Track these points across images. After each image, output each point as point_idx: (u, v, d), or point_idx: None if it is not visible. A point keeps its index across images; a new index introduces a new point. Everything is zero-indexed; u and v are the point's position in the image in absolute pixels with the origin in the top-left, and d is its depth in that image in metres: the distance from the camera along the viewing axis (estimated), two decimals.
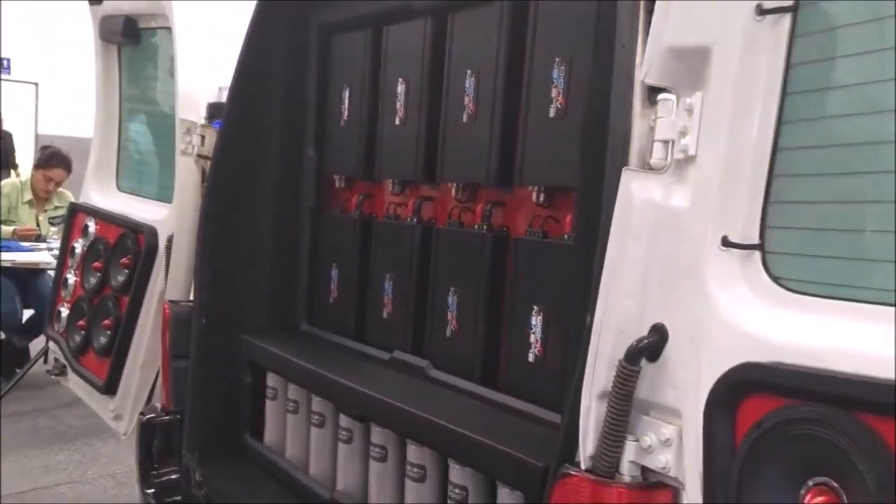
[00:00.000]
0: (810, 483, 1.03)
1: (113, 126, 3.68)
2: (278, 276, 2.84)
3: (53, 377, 3.67)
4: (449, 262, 2.23)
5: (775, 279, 1.18)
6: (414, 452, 2.02)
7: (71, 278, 3.56)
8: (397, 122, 2.39)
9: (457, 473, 1.89)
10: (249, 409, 2.74)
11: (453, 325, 2.19)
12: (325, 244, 2.75)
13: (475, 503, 1.86)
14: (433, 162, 2.26)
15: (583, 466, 1.34)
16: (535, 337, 1.94)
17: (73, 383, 3.53)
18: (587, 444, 1.34)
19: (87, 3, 3.60)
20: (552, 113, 1.89)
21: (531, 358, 1.94)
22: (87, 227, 3.53)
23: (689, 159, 1.26)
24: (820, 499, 1.01)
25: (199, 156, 2.90)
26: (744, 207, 1.21)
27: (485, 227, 2.13)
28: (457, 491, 1.88)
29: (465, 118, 2.14)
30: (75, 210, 3.69)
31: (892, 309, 1.02)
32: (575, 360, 1.41)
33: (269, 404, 2.67)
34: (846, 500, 0.99)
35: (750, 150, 1.20)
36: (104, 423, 5.40)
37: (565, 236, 1.92)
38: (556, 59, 1.87)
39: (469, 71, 2.12)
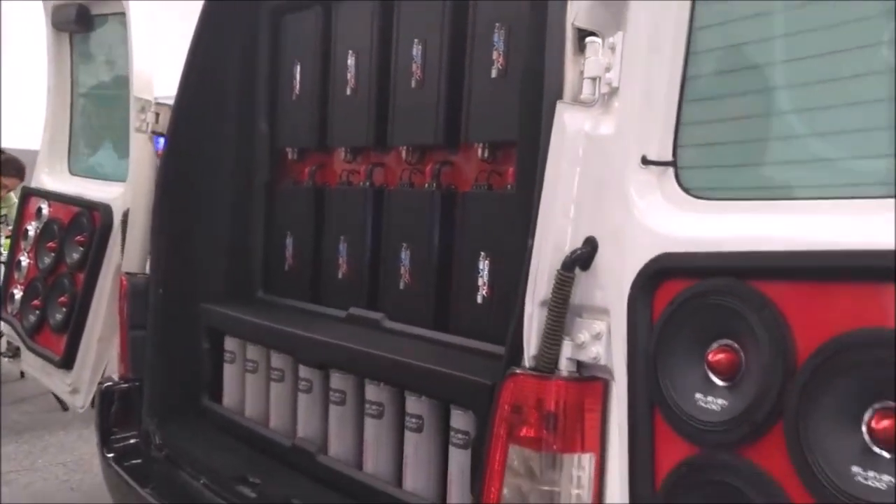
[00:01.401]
0: (714, 345, 1.22)
1: (65, 112, 3.75)
2: (234, 247, 2.95)
3: (7, 360, 3.70)
4: (401, 221, 2.39)
5: (685, 189, 1.38)
6: (372, 391, 2.17)
7: (24, 261, 3.60)
8: (348, 92, 2.55)
9: (413, 404, 2.04)
10: (208, 374, 2.84)
11: (406, 278, 2.35)
12: (279, 214, 2.88)
13: (430, 429, 2.02)
14: (384, 128, 2.43)
15: (526, 366, 1.52)
16: (482, 280, 2.11)
17: (27, 364, 3.57)
18: (530, 346, 1.52)
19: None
20: (494, 73, 2.08)
21: (479, 300, 2.12)
22: (40, 209, 3.58)
23: (613, 91, 1.45)
24: (721, 355, 1.20)
25: (153, 132, 3.00)
26: (659, 130, 1.41)
27: (434, 184, 2.31)
28: (413, 420, 2.04)
29: (413, 84, 2.32)
30: (28, 194, 3.74)
31: (777, 202, 1.23)
32: (517, 290, 1.58)
33: (227, 368, 2.78)
34: (743, 356, 1.19)
35: (664, 79, 1.39)
36: (51, 417, 5.42)
37: (508, 187, 2.11)
38: (497, 24, 2.06)
39: (416, 40, 2.30)
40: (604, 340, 1.45)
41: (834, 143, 1.20)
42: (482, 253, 2.11)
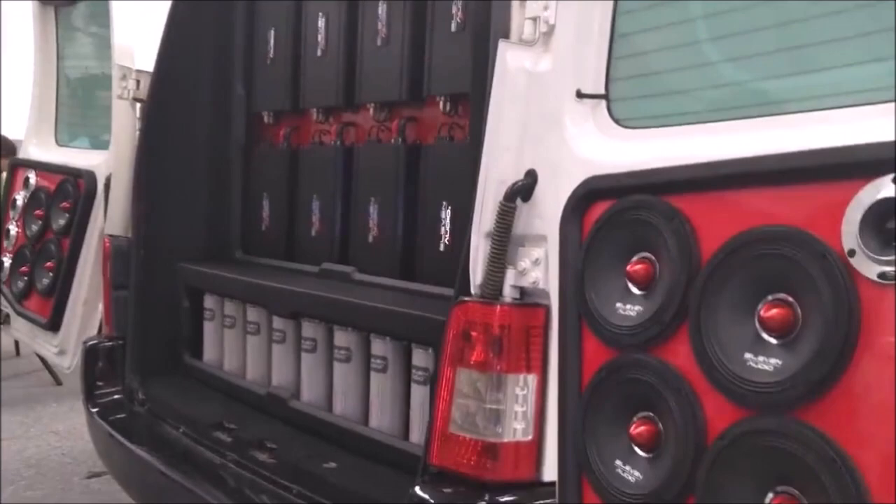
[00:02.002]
0: (634, 258, 1.31)
1: (51, 84, 3.84)
2: (213, 210, 3.03)
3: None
4: (369, 176, 2.48)
5: (616, 120, 1.47)
6: (341, 337, 2.26)
7: (13, 229, 3.69)
8: (319, 53, 2.64)
9: (378, 346, 2.14)
10: (189, 332, 2.93)
11: (375, 231, 2.44)
12: (256, 177, 2.97)
13: (394, 368, 2.11)
14: (353, 86, 2.51)
15: (473, 293, 1.61)
16: (444, 229, 2.20)
17: (17, 329, 3.66)
18: (476, 275, 1.61)
19: None
20: (453, 28, 2.16)
21: (442, 248, 2.21)
22: (27, 179, 3.67)
23: (550, 29, 1.53)
24: (639, 266, 1.29)
25: (134, 99, 3.08)
26: (593, 65, 1.49)
27: (400, 139, 2.39)
28: (378, 362, 2.13)
29: (379, 43, 2.40)
30: (16, 165, 3.83)
31: (695, 126, 1.32)
32: None
33: (206, 325, 2.87)
34: (657, 265, 1.28)
35: (596, 17, 1.48)
36: (44, 391, 5.52)
37: (467, 138, 2.19)
38: None
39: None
40: (542, 265, 1.53)
41: (743, 68, 1.28)
42: (444, 202, 2.20)
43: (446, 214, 2.20)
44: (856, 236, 1.01)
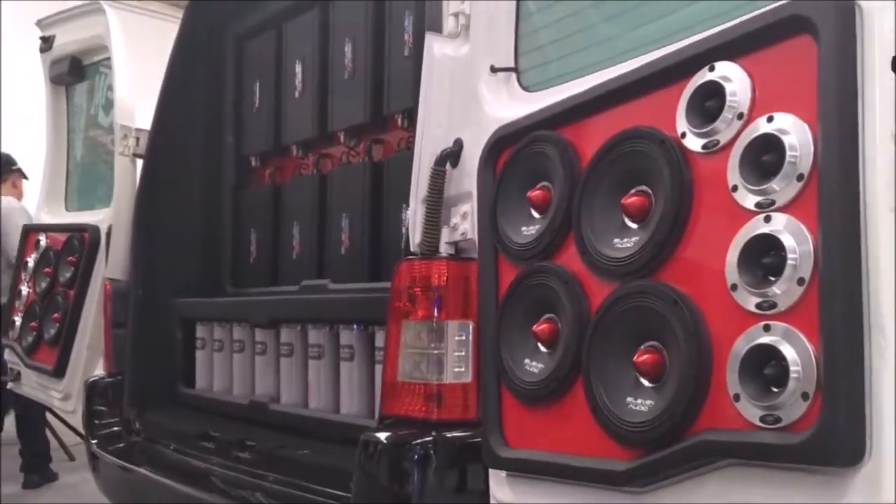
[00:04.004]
0: (537, 186, 1.50)
1: (61, 157, 4.16)
2: (206, 250, 3.26)
3: (10, 384, 3.97)
4: (340, 195, 2.72)
5: (525, 88, 1.70)
6: (313, 335, 2.44)
7: (24, 289, 3.92)
8: (297, 95, 2.92)
9: (345, 337, 2.31)
10: (182, 363, 3.11)
11: (346, 243, 2.66)
12: (245, 215, 3.21)
13: (360, 355, 2.28)
14: (325, 117, 2.78)
15: (413, 252, 1.80)
16: (405, 228, 2.41)
17: (27, 385, 3.84)
18: (416, 236, 1.80)
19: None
20: (406, 53, 2.43)
21: (403, 245, 2.40)
22: (38, 241, 3.93)
23: (468, 20, 1.79)
24: (538, 192, 1.48)
25: (134, 155, 3.36)
26: (504, 44, 1.73)
27: (367, 158, 2.64)
28: (346, 351, 2.30)
29: (346, 76, 2.68)
30: (28, 230, 4.10)
31: (580, 79, 1.54)
32: None
33: (198, 354, 3.05)
34: (553, 192, 1.47)
35: (503, 5, 1.73)
36: (58, 467, 5.63)
37: None
38: (406, 12, 2.44)
39: (347, 38, 2.68)
40: (469, 218, 1.73)
41: (616, 24, 1.51)
42: (404, 205, 2.41)
43: (406, 216, 2.41)
44: (684, 119, 1.20)
